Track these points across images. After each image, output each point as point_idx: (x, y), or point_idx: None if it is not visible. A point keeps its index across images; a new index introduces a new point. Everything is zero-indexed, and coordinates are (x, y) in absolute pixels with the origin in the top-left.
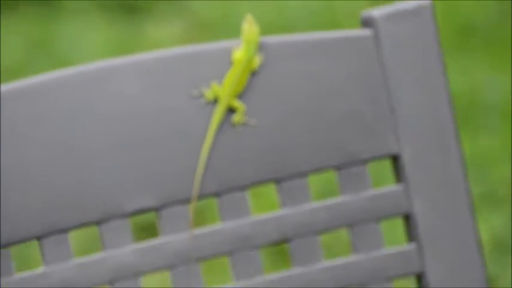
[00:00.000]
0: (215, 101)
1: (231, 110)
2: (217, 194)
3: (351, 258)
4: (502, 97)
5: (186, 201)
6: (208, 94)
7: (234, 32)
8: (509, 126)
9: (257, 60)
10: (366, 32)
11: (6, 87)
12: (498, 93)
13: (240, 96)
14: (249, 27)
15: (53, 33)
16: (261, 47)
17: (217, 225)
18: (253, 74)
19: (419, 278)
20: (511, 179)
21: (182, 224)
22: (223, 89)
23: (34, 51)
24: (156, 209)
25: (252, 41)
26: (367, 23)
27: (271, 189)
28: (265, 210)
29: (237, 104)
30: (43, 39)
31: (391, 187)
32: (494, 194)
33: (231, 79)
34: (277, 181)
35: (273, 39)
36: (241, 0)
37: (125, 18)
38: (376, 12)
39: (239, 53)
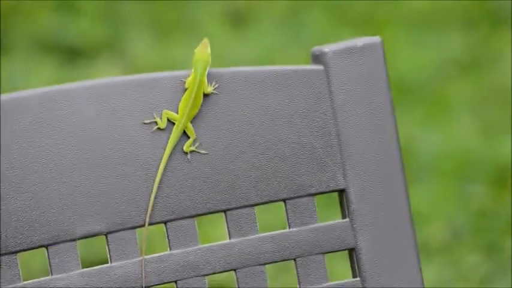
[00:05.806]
0: (166, 128)
1: (184, 136)
2: (166, 222)
3: None
4: (433, 152)
5: (135, 227)
6: (160, 122)
7: None
8: (441, 181)
9: (209, 84)
10: (316, 67)
11: None
12: (430, 148)
13: (193, 124)
14: (199, 48)
15: None
16: (214, 77)
17: (166, 252)
18: (206, 101)
19: None
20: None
21: (131, 250)
22: (179, 112)
23: None
24: (105, 234)
25: (199, 60)
26: (317, 58)
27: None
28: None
29: (191, 128)
30: None
31: (336, 221)
32: (426, 247)
33: (186, 102)
34: (226, 211)
35: (225, 70)
36: (177, 47)
37: (69, 62)
38: (327, 48)
39: (190, 76)
